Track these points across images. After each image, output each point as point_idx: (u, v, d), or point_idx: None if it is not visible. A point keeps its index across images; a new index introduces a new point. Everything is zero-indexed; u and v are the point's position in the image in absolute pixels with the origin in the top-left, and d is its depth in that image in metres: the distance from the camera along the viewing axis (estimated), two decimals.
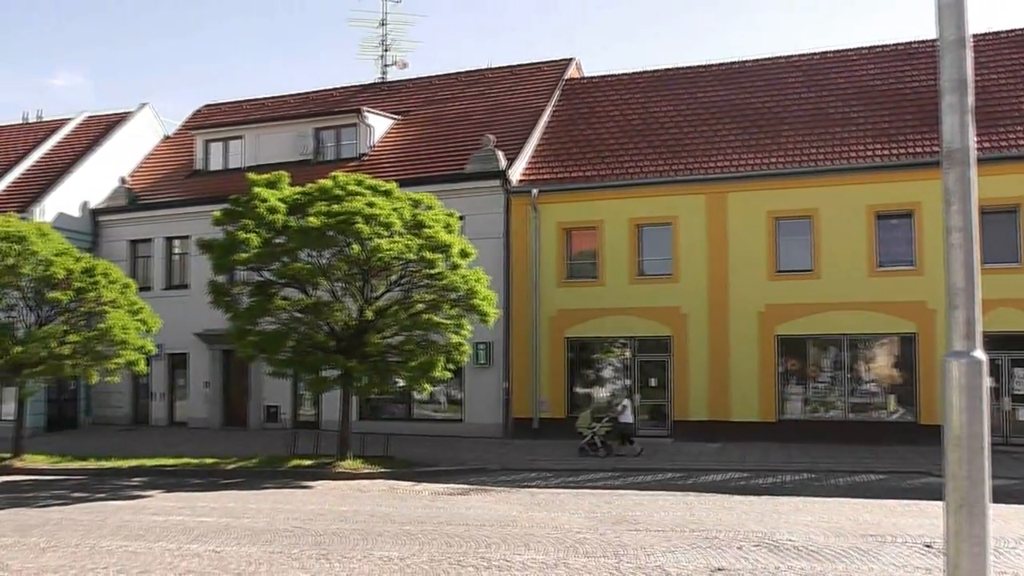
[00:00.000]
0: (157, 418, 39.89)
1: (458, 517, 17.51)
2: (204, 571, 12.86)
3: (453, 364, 26.47)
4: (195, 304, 35.18)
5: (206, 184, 40.05)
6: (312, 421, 35.45)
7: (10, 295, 29.09)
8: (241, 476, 24.79)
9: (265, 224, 25.09)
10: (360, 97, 43.26)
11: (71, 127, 46.80)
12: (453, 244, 25.15)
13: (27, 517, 18.94)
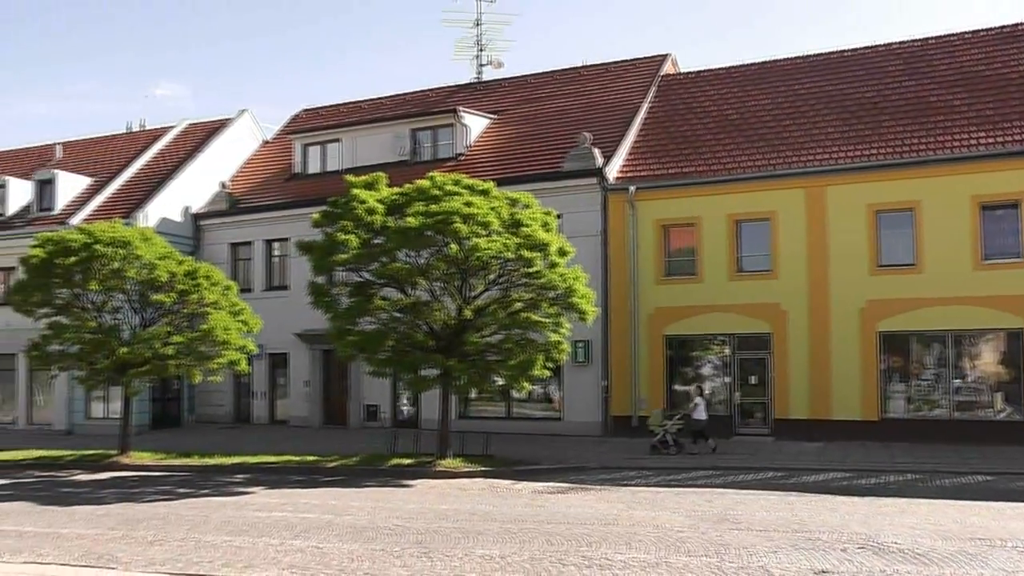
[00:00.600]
0: (258, 416, 40.42)
1: (558, 515, 17.47)
2: (307, 566, 12.98)
3: (552, 362, 26.37)
4: (295, 305, 35.62)
5: (305, 187, 40.50)
6: (411, 420, 35.60)
7: (116, 298, 29.72)
8: (342, 474, 24.99)
9: (364, 225, 25.24)
10: (456, 97, 43.40)
11: (173, 135, 47.71)
12: (551, 242, 25.06)
13: (135, 511, 19.36)
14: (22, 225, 43.26)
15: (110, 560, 13.99)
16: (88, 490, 23.55)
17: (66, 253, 28.19)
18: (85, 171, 46.03)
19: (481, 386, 28.28)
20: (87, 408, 40.47)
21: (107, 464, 28.36)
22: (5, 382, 43.81)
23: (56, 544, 15.59)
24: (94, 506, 20.37)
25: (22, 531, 17.25)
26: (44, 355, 29.74)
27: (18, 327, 37.51)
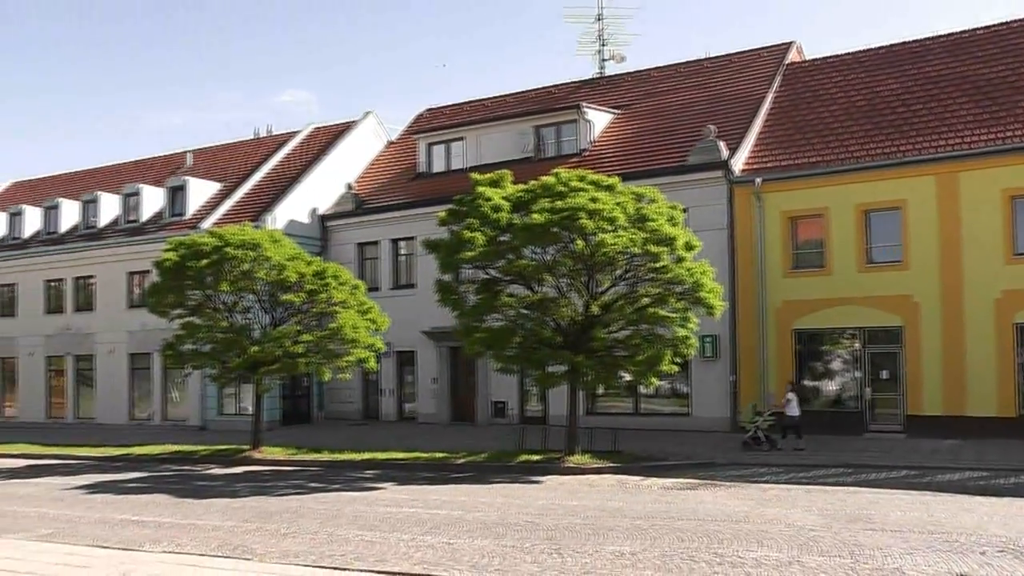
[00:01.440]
0: (387, 413, 40.86)
1: (688, 512, 17.30)
2: (438, 562, 13.03)
3: (680, 358, 26.17)
4: (422, 303, 35.92)
5: (430, 186, 40.79)
6: (539, 416, 35.58)
7: (246, 298, 30.37)
8: (471, 470, 25.08)
9: (489, 222, 25.27)
10: (579, 93, 43.26)
11: (299, 139, 48.60)
12: (677, 237, 24.81)
13: (268, 505, 19.72)
14: (155, 230, 44.49)
15: (245, 551, 14.24)
16: (222, 483, 24.09)
17: (198, 256, 28.87)
18: (214, 177, 47.18)
19: (608, 382, 28.25)
20: (220, 405, 41.45)
21: (240, 459, 28.99)
22: (141, 380, 45.10)
23: (193, 535, 15.96)
24: (228, 499, 20.83)
25: (160, 522, 17.73)
26: (178, 354, 30.52)
27: (153, 328, 38.70)
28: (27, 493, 23.36)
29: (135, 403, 45.53)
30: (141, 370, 45.12)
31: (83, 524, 17.85)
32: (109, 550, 14.49)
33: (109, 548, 14.70)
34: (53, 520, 18.51)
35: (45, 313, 49.48)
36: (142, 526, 17.34)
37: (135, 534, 16.36)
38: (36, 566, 13.20)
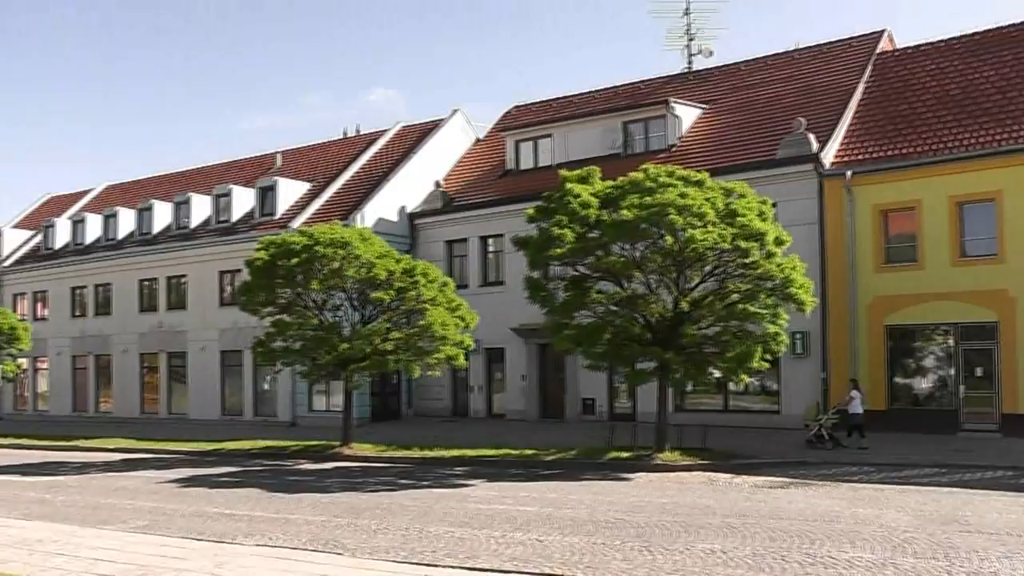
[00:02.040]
0: (476, 410, 40.97)
1: (779, 511, 17.08)
2: (528, 559, 13.00)
3: (770, 355, 25.84)
4: (511, 300, 35.97)
5: (518, 183, 40.80)
6: (628, 413, 35.39)
7: (336, 296, 30.63)
8: (560, 467, 25.04)
9: (578, 219, 25.17)
10: (667, 88, 42.93)
11: (387, 137, 48.93)
12: (767, 232, 24.52)
13: (358, 500, 19.86)
14: (246, 230, 45.09)
15: (336, 546, 14.33)
16: (313, 479, 24.33)
17: (288, 255, 29.17)
18: (304, 177, 47.69)
19: (698, 379, 28.07)
20: (310, 401, 41.93)
21: (330, 455, 29.27)
22: (233, 376, 45.74)
23: (285, 529, 16.11)
24: (319, 494, 21.01)
25: (253, 516, 17.95)
26: (269, 351, 30.90)
27: (244, 325, 39.26)
28: (122, 486, 23.83)
29: (226, 399, 46.19)
30: (233, 367, 45.76)
31: (177, 517, 18.13)
32: (203, 542, 14.69)
33: (203, 540, 14.90)
34: (148, 512, 18.84)
35: (139, 312, 50.45)
36: (235, 519, 17.56)
37: (228, 527, 16.57)
38: (133, 556, 13.41)
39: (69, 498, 21.75)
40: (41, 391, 57.48)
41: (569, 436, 31.08)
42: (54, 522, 17.68)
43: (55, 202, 66.32)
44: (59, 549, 14.32)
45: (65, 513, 19.19)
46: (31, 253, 59.36)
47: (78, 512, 19.29)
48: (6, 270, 59.04)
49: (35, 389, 57.63)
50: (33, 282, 57.46)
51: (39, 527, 16.97)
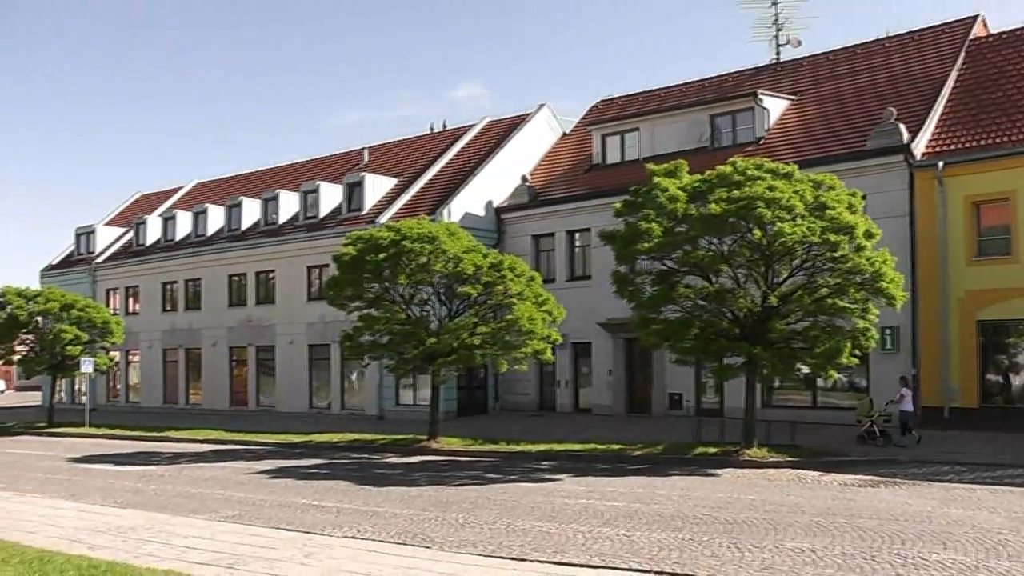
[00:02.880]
0: (562, 404, 40.90)
1: (869, 510, 16.84)
2: (616, 554, 12.96)
3: (859, 350, 25.40)
4: (597, 294, 35.88)
5: (604, 177, 40.65)
6: (715, 408, 35.10)
7: (423, 291, 30.74)
8: (647, 463, 24.92)
9: (666, 213, 25.02)
10: (754, 80, 42.44)
11: (474, 133, 49.06)
12: (857, 225, 24.11)
13: (445, 494, 19.98)
14: (333, 225, 45.47)
15: (424, 539, 14.42)
16: (400, 472, 24.49)
17: (375, 250, 29.34)
18: (390, 172, 47.97)
19: (786, 375, 27.75)
20: (396, 395, 42.15)
21: (417, 448, 29.42)
22: (320, 370, 46.17)
23: (373, 522, 16.26)
24: (406, 488, 21.16)
25: (341, 508, 18.16)
26: (356, 345, 31.11)
27: (331, 320, 39.64)
28: (212, 476, 24.21)
29: (314, 392, 46.65)
30: (320, 360, 46.19)
31: (266, 507, 18.39)
32: (292, 533, 14.89)
33: (292, 531, 15.11)
34: (238, 503, 19.14)
35: (228, 306, 51.17)
36: (323, 511, 17.75)
37: (317, 519, 16.76)
38: (223, 545, 13.62)
39: (161, 487, 22.19)
40: (133, 383, 58.58)
41: (656, 431, 30.90)
42: (147, 510, 18.08)
43: (146, 200, 67.61)
44: (152, 536, 14.66)
45: (157, 502, 19.59)
46: (123, 249, 60.52)
47: (170, 501, 19.69)
48: (99, 266, 60.29)
49: (127, 381, 58.75)
50: (125, 277, 58.60)
51: (132, 515, 17.37)
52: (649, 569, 11.67)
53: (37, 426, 44.83)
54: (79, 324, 44.40)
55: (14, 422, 48.07)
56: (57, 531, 15.57)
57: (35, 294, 45.74)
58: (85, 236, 63.13)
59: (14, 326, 44.98)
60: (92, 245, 62.25)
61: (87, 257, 61.91)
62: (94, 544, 14.13)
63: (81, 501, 19.76)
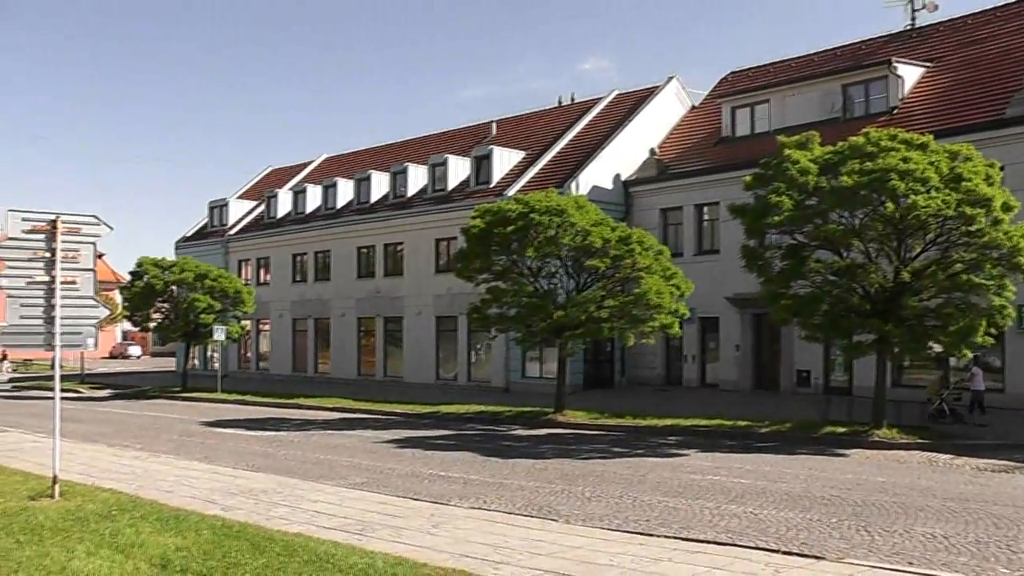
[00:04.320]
0: (688, 379, 40.67)
1: (1005, 497, 16.32)
2: (743, 532, 12.85)
3: (995, 329, 24.54)
4: (725, 269, 35.58)
5: (733, 150, 40.18)
6: (843, 386, 34.52)
7: (551, 264, 30.73)
8: (774, 440, 24.62)
9: (796, 186, 24.61)
10: (888, 48, 41.24)
11: (602, 106, 48.82)
12: (994, 197, 23.32)
13: (572, 467, 20.01)
14: (461, 198, 45.78)
15: (551, 512, 14.47)
16: (527, 444, 24.62)
17: (504, 223, 29.44)
18: (518, 146, 48.04)
19: (917, 353, 27.20)
20: (523, 367, 42.27)
21: (543, 421, 29.53)
22: (447, 342, 46.59)
23: (499, 493, 16.38)
24: (533, 460, 21.25)
25: (468, 478, 18.31)
26: (484, 317, 31.30)
27: (458, 292, 39.94)
28: (341, 444, 24.64)
29: (441, 363, 47.08)
30: (447, 332, 46.60)
31: (394, 476, 18.64)
32: (419, 502, 15.03)
33: (419, 500, 15.25)
34: (366, 470, 19.44)
35: (357, 278, 51.96)
36: (450, 482, 17.93)
37: (444, 489, 16.93)
38: (352, 512, 13.83)
39: (291, 453, 22.67)
40: (263, 351, 59.98)
41: (783, 408, 30.53)
42: (277, 475, 18.46)
43: (277, 174, 68.96)
44: (282, 500, 14.98)
45: (287, 467, 20.01)
46: (255, 222, 61.87)
47: (299, 466, 20.08)
48: (232, 238, 61.71)
49: (257, 349, 60.14)
50: (257, 249, 59.91)
51: (263, 479, 17.76)
52: (777, 549, 11.50)
53: (171, 390, 46.30)
54: (212, 294, 45.54)
55: (150, 386, 49.74)
56: (191, 491, 16.02)
57: (170, 264, 47.05)
58: (218, 209, 64.75)
59: (151, 295, 46.42)
60: (225, 218, 63.82)
61: (220, 229, 63.45)
62: (227, 505, 14.50)
63: (214, 463, 20.27)
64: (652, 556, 10.88)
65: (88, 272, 15.71)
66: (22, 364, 75.50)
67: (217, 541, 11.57)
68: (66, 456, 17.90)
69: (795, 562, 10.64)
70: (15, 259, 15.08)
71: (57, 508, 13.97)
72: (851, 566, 10.51)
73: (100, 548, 11.27)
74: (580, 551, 11.19)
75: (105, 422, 31.82)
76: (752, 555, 11.00)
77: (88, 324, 15.82)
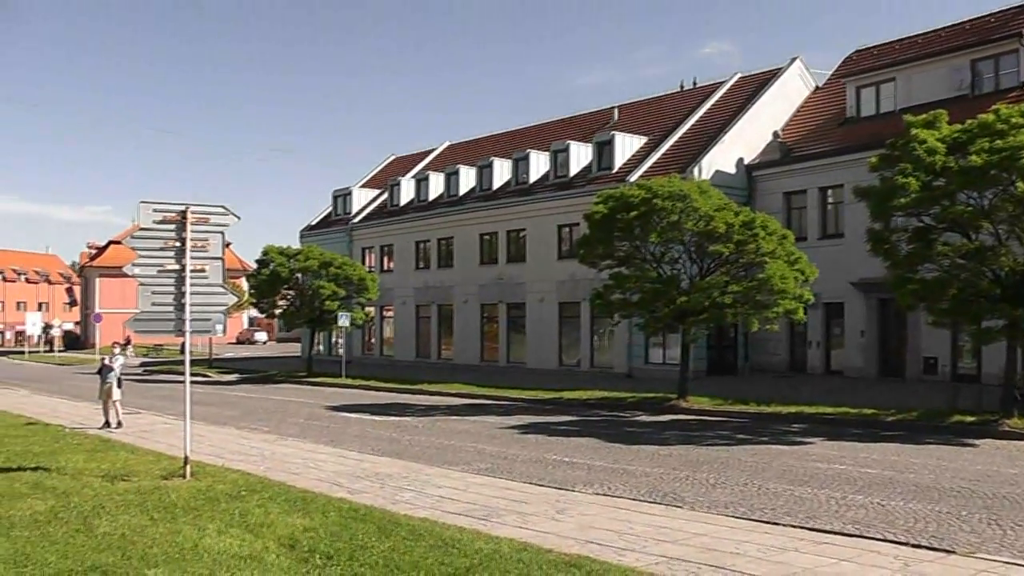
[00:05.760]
0: (812, 366, 40.17)
1: None
2: (870, 523, 12.68)
3: None
4: (850, 253, 35.07)
5: (858, 131, 39.48)
6: (972, 374, 33.78)
7: (674, 249, 30.57)
8: (900, 429, 24.07)
9: (923, 167, 24.02)
10: (1020, 19, 39.79)
11: (724, 89, 48.44)
12: None
13: (695, 454, 19.96)
14: (583, 184, 45.83)
15: (675, 499, 14.46)
16: (650, 431, 24.59)
17: (626, 208, 29.37)
18: (640, 131, 47.92)
19: None
20: (646, 353, 42.25)
21: (666, 407, 29.44)
22: (570, 328, 46.71)
23: (624, 480, 16.41)
24: (656, 446, 21.21)
25: (591, 464, 18.37)
26: (607, 303, 31.26)
27: (581, 277, 40.03)
28: (465, 429, 24.88)
29: (563, 349, 47.24)
30: (570, 318, 46.72)
31: (518, 462, 18.77)
32: (544, 488, 15.13)
33: (544, 486, 15.34)
34: (490, 456, 19.62)
35: (479, 264, 52.41)
36: (573, 467, 18.01)
37: (567, 475, 17.02)
38: (476, 497, 14.00)
39: (415, 438, 22.97)
40: (387, 337, 60.88)
41: (909, 396, 29.92)
42: (402, 459, 18.78)
43: (400, 162, 69.79)
44: (408, 484, 15.24)
45: (412, 452, 20.29)
46: (378, 210, 62.72)
47: (424, 452, 20.35)
48: (356, 226, 62.63)
49: (381, 335, 61.06)
50: (380, 236, 60.75)
51: (389, 463, 18.07)
52: (905, 541, 11.29)
53: (297, 375, 47.29)
54: (336, 281, 46.35)
55: (276, 371, 50.87)
56: (318, 474, 16.40)
57: (295, 252, 47.99)
58: (342, 198, 65.76)
59: (276, 282, 47.43)
60: (349, 206, 64.79)
61: (344, 218, 64.45)
62: (353, 488, 14.80)
63: (340, 447, 20.69)
64: (778, 545, 10.83)
65: (217, 260, 16.19)
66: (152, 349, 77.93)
67: (344, 523, 11.85)
68: (196, 438, 18.50)
69: (924, 556, 10.45)
70: (147, 248, 15.66)
71: (188, 488, 14.57)
72: (983, 561, 10.28)
73: (230, 527, 11.68)
74: (705, 538, 11.19)
75: (233, 405, 32.71)
76: (880, 547, 10.85)
77: (217, 311, 16.32)
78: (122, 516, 12.37)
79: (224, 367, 56.25)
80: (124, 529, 11.56)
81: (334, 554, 10.22)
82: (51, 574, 9.52)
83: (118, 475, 15.98)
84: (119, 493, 14.11)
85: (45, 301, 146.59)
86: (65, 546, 10.70)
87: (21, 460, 18.02)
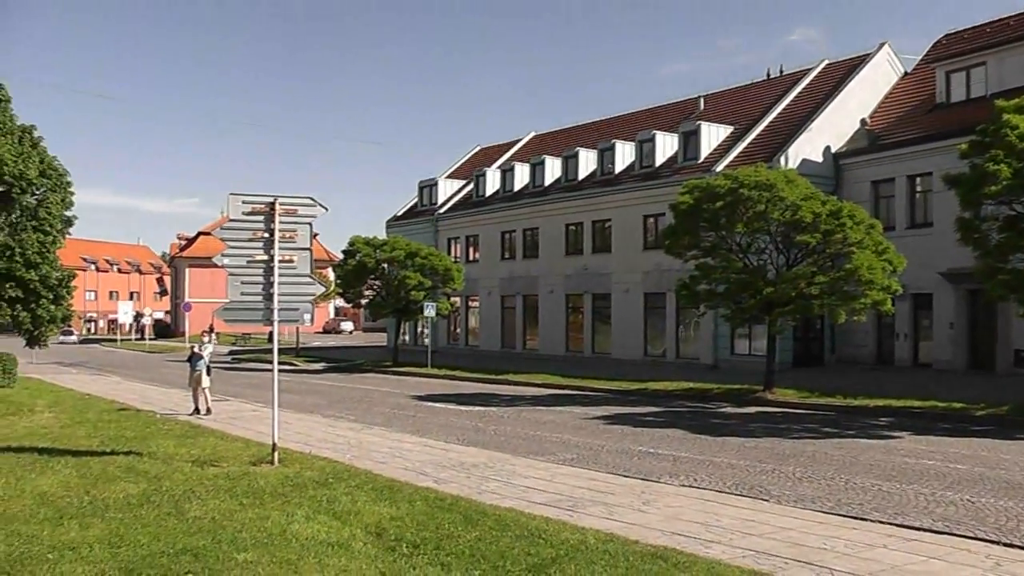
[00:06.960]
0: (900, 358, 39.65)
1: None
2: (960, 520, 12.52)
3: None
4: (939, 242, 34.53)
5: (948, 117, 38.85)
6: None
7: (760, 239, 30.36)
8: (990, 424, 23.67)
9: (1015, 153, 23.58)
10: None
11: (810, 77, 47.96)
12: None
13: (782, 446, 19.85)
14: (669, 174, 45.67)
15: (761, 492, 14.40)
16: (736, 422, 24.50)
17: (712, 198, 29.25)
18: (726, 120, 47.60)
19: None
20: (731, 344, 42.03)
21: (752, 399, 29.30)
22: (655, 318, 46.62)
23: (710, 472, 16.38)
24: (743, 438, 21.14)
25: (677, 456, 18.36)
26: (693, 294, 31.19)
27: (667, 268, 39.94)
28: (550, 420, 24.95)
29: (649, 340, 47.13)
30: (655, 309, 46.62)
31: (603, 453, 18.83)
32: (629, 479, 15.15)
33: (629, 477, 15.37)
34: (575, 447, 19.69)
35: (565, 255, 52.42)
36: (659, 459, 18.02)
37: (653, 466, 17.04)
38: (562, 488, 14.07)
39: (500, 428, 23.09)
40: (472, 327, 61.19)
41: (1000, 390, 29.40)
42: (487, 449, 18.90)
43: (485, 153, 70.05)
44: (493, 475, 15.35)
45: (497, 442, 20.41)
46: (463, 200, 63.04)
47: (509, 442, 20.45)
48: (441, 216, 63.00)
49: (466, 325, 61.37)
50: (465, 227, 61.03)
51: (474, 453, 18.22)
52: (997, 540, 11.12)
53: (383, 365, 47.83)
54: (422, 271, 46.64)
55: (362, 360, 51.43)
56: (404, 463, 16.56)
57: (381, 243, 48.36)
58: (428, 188, 66.17)
59: (363, 272, 47.91)
60: (434, 197, 65.19)
61: (429, 208, 64.85)
62: (439, 478, 14.93)
63: (425, 436, 20.87)
64: (866, 541, 10.76)
65: (304, 251, 16.47)
66: (240, 338, 79.14)
67: (430, 512, 11.98)
68: (284, 425, 18.77)
69: (1017, 555, 10.30)
70: (236, 240, 16.00)
71: (276, 474, 14.87)
72: None
73: (318, 514, 11.88)
74: (792, 532, 11.17)
75: (320, 394, 33.12)
76: (970, 545, 10.72)
77: (304, 300, 16.60)
78: (212, 501, 12.66)
79: (311, 356, 56.98)
80: (214, 513, 11.83)
81: (420, 543, 10.35)
82: (144, 555, 9.76)
83: (208, 460, 16.36)
84: (209, 478, 14.44)
85: (136, 291, 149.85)
86: (157, 528, 11.00)
87: (115, 444, 18.55)
